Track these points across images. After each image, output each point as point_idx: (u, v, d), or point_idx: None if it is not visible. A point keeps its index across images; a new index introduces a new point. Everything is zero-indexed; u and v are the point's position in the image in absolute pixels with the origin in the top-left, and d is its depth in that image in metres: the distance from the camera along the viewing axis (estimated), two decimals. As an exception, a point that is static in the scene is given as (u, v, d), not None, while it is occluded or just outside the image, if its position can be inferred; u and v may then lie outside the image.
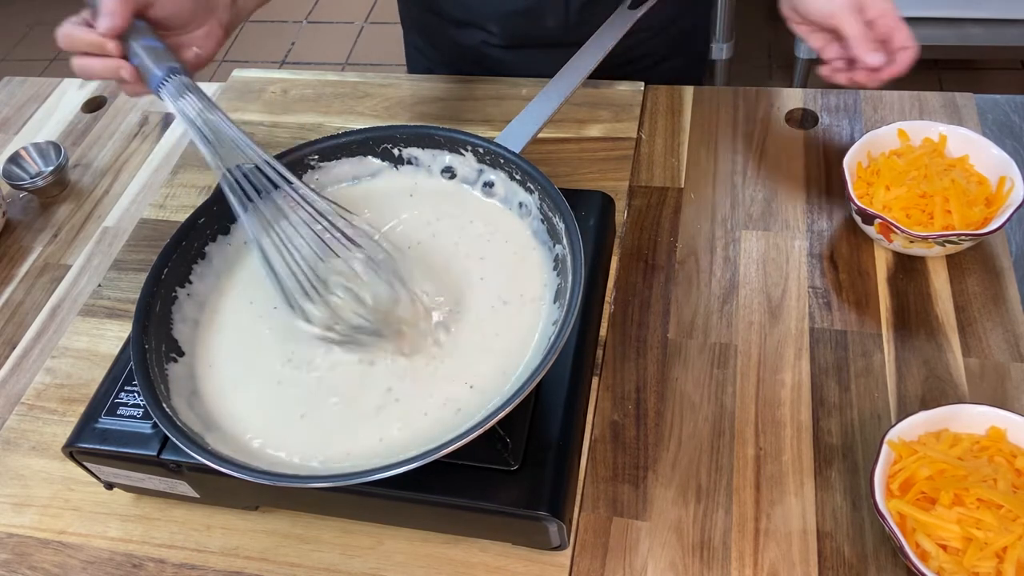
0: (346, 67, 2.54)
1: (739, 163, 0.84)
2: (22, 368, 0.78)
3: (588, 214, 0.69)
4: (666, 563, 0.59)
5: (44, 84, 1.08)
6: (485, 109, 0.91)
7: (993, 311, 0.69)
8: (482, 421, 0.50)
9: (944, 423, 0.59)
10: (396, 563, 0.61)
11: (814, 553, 0.58)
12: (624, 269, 0.76)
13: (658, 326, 0.72)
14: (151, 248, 0.83)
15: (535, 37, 0.91)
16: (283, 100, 0.97)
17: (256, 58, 2.60)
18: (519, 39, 0.93)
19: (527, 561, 0.59)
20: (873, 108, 0.87)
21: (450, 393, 0.57)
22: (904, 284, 0.72)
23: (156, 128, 0.99)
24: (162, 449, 0.59)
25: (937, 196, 0.71)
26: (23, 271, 0.86)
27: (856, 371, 0.67)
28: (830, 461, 0.63)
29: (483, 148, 0.66)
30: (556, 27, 0.89)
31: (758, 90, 0.90)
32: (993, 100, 0.86)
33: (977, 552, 0.52)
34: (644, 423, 0.66)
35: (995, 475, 0.55)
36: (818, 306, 0.72)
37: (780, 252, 0.76)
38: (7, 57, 2.75)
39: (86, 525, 0.65)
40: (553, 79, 0.72)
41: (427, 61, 1.05)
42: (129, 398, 0.61)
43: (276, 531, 0.63)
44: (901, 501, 0.55)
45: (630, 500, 0.62)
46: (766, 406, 0.66)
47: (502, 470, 0.56)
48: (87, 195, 0.93)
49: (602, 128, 0.88)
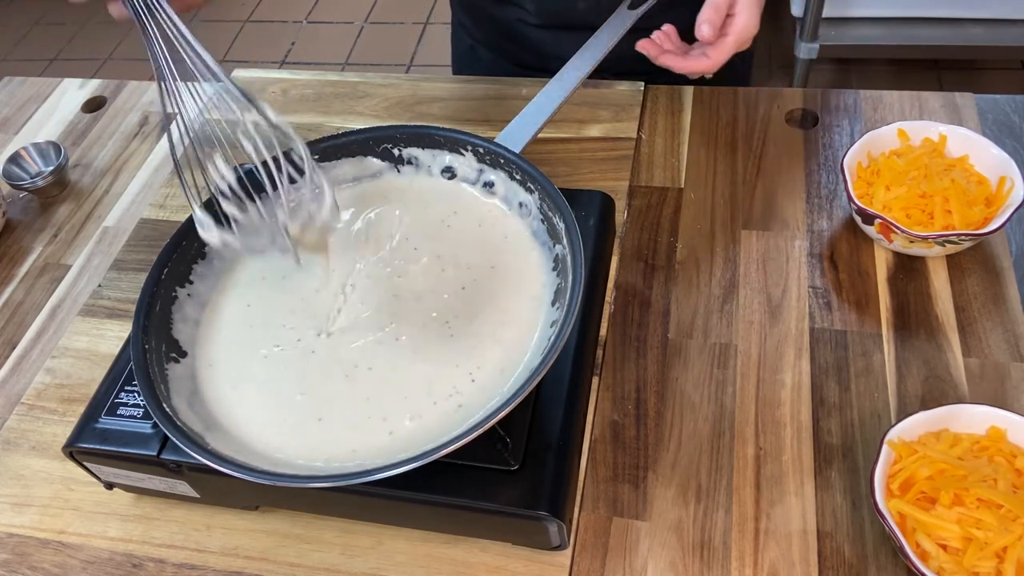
0: (346, 67, 2.54)
1: (739, 163, 0.84)
2: (22, 368, 0.78)
3: (588, 214, 0.69)
4: (666, 563, 0.59)
5: (44, 84, 1.08)
6: (485, 109, 0.91)
7: (993, 311, 0.69)
8: (482, 421, 0.50)
9: (944, 423, 0.59)
10: (396, 563, 0.61)
11: (814, 553, 0.58)
12: (624, 269, 0.76)
13: (658, 326, 0.72)
14: (151, 248, 0.83)
15: (566, 18, 0.93)
16: (283, 100, 0.97)
17: (256, 58, 2.60)
18: (552, 19, 0.94)
19: (527, 561, 0.59)
20: (873, 108, 0.87)
21: (454, 384, 0.58)
22: (904, 284, 0.72)
23: (156, 128, 0.99)
24: (162, 449, 0.59)
25: (937, 196, 0.71)
26: (23, 271, 0.86)
27: (856, 371, 0.67)
28: (830, 461, 0.63)
29: (483, 148, 0.67)
30: (587, 9, 0.90)
31: (758, 90, 0.90)
32: (993, 100, 0.86)
33: (977, 552, 0.52)
34: (644, 423, 0.66)
35: (995, 475, 0.55)
36: (818, 306, 0.72)
37: (780, 252, 0.76)
38: (7, 57, 2.75)
39: (86, 525, 0.65)
40: (553, 79, 0.72)
41: (470, 38, 1.07)
42: (129, 398, 0.61)
43: (276, 531, 0.63)
44: (901, 501, 0.55)
45: (630, 500, 0.62)
46: (766, 406, 0.66)
47: (502, 470, 0.56)
48: (87, 195, 0.93)
49: (602, 128, 0.88)
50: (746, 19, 0.72)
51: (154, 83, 1.05)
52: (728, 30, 0.73)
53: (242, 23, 2.75)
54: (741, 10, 0.72)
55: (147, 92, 1.04)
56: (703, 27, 0.71)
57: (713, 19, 0.71)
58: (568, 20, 0.93)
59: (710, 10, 0.71)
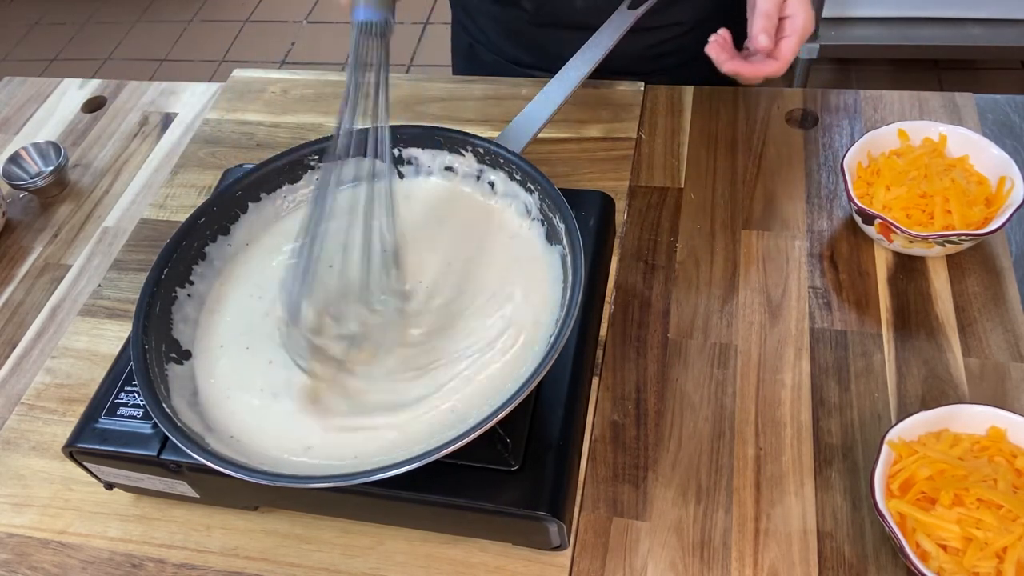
0: (346, 67, 2.53)
1: (739, 163, 0.84)
2: (22, 368, 0.78)
3: (588, 214, 0.69)
4: (666, 563, 0.59)
5: (44, 84, 1.08)
6: (485, 109, 0.91)
7: (993, 311, 0.69)
8: (482, 421, 0.50)
9: (944, 423, 0.59)
10: (396, 563, 0.61)
11: (814, 553, 0.58)
12: (624, 269, 0.76)
13: (658, 326, 0.72)
14: (151, 248, 0.83)
15: (564, 17, 0.93)
16: (283, 100, 0.97)
17: (256, 58, 2.60)
18: (551, 18, 0.94)
19: (527, 561, 0.59)
20: (873, 108, 0.87)
21: (451, 387, 0.57)
22: (904, 284, 0.72)
23: (156, 128, 0.99)
24: (162, 449, 0.59)
25: (937, 196, 0.71)
26: (23, 271, 0.86)
27: (856, 371, 0.67)
28: (830, 461, 0.63)
29: (483, 148, 0.66)
30: (584, 8, 0.90)
31: (758, 90, 0.90)
32: (993, 100, 0.86)
33: (977, 552, 0.52)
34: (644, 423, 0.66)
35: (995, 475, 0.55)
36: (818, 306, 0.72)
37: (780, 252, 0.76)
38: (7, 57, 2.75)
39: (86, 525, 0.65)
40: (553, 79, 0.72)
41: (469, 38, 1.07)
42: (129, 398, 0.61)
43: (276, 531, 0.63)
44: (901, 501, 0.55)
45: (630, 500, 0.62)
46: (766, 406, 0.66)
47: (502, 470, 0.56)
48: (87, 195, 0.93)
49: (602, 128, 0.88)
50: (804, 18, 0.71)
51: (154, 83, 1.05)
52: (787, 31, 0.71)
53: (242, 23, 2.75)
54: (796, 11, 0.70)
55: (147, 92, 1.04)
56: (760, 38, 0.70)
57: (768, 28, 0.70)
58: (566, 19, 0.93)
59: (763, 20, 0.70)
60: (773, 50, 0.71)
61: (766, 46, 0.70)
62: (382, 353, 0.60)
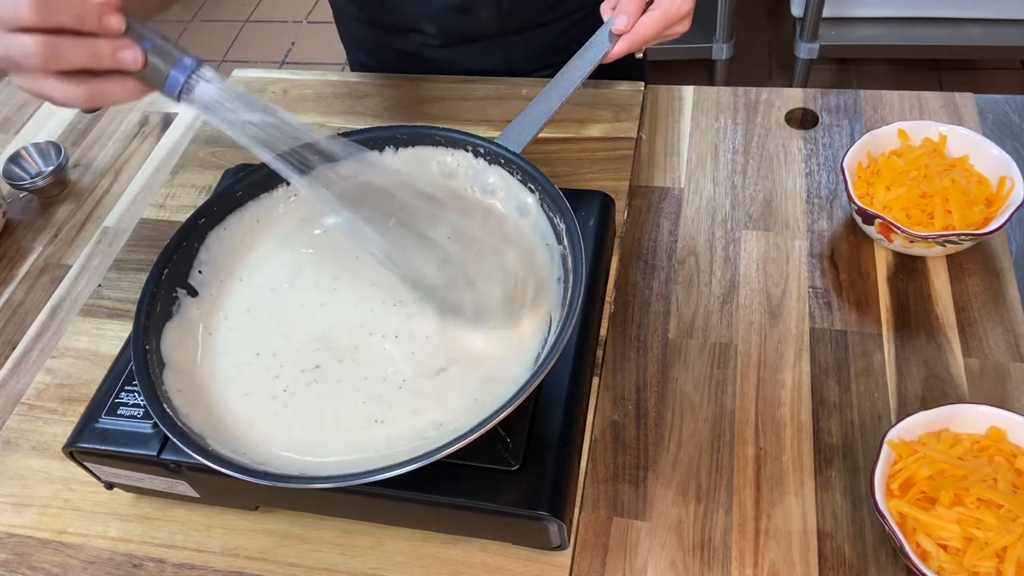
0: (346, 67, 2.54)
1: (739, 163, 0.84)
2: (22, 368, 0.78)
3: (588, 214, 0.69)
4: (666, 563, 0.59)
5: (44, 84, 1.08)
6: (485, 109, 0.91)
7: (993, 311, 0.69)
8: (483, 421, 0.50)
9: (944, 423, 0.59)
10: (396, 563, 0.61)
11: (814, 553, 0.58)
12: (624, 269, 0.76)
13: (658, 326, 0.72)
14: (151, 248, 0.83)
15: (470, 32, 0.93)
16: (283, 100, 0.97)
17: (256, 58, 2.60)
18: (456, 36, 0.94)
19: (527, 561, 0.59)
20: (873, 108, 0.87)
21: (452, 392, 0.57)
22: (904, 284, 0.72)
23: (156, 128, 0.99)
24: (162, 449, 0.59)
25: (937, 196, 0.71)
26: (23, 271, 0.86)
27: (856, 371, 0.67)
28: (830, 461, 0.63)
29: (483, 148, 0.66)
30: (490, 19, 0.90)
31: (758, 90, 0.90)
32: (993, 100, 0.86)
33: (977, 552, 0.52)
34: (644, 423, 0.66)
35: (995, 475, 0.55)
36: (818, 306, 0.72)
37: (780, 252, 0.76)
38: (7, 57, 2.75)
39: (86, 525, 0.65)
40: (553, 79, 0.72)
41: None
42: (129, 398, 0.61)
43: (276, 531, 0.63)
44: (901, 501, 0.55)
45: (630, 500, 0.62)
46: (766, 406, 0.66)
47: (502, 470, 0.56)
48: (87, 195, 0.93)
49: (602, 128, 0.88)
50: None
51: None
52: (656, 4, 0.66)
53: (242, 23, 2.75)
54: None
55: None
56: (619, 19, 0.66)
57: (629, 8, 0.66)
58: (473, 33, 0.92)
59: None
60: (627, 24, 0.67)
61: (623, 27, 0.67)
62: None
